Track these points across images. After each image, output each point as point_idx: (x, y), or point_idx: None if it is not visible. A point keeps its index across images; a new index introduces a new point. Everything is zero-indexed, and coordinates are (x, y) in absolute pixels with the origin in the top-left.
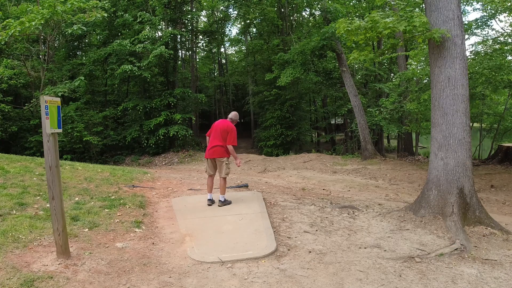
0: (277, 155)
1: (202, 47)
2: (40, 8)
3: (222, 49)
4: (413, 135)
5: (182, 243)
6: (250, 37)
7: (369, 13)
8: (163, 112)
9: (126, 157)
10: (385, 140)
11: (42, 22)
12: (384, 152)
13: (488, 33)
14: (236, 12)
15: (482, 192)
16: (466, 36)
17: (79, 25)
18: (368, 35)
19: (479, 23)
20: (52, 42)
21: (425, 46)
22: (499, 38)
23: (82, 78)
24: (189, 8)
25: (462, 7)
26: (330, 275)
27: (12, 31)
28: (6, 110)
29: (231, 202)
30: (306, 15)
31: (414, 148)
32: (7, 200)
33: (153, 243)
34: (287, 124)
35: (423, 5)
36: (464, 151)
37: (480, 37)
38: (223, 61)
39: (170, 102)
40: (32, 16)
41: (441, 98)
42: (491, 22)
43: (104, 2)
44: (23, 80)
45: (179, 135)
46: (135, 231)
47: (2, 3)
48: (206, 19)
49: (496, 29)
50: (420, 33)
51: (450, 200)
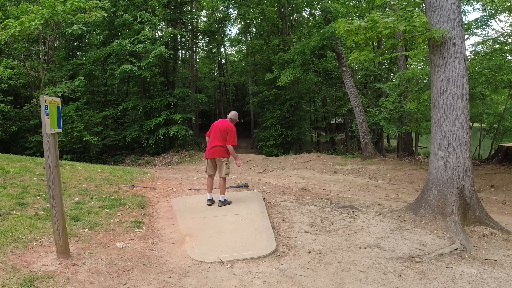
0: (277, 155)
1: (202, 47)
2: (40, 8)
3: (222, 49)
4: (413, 135)
5: (182, 243)
6: (250, 37)
7: (369, 13)
8: (163, 112)
9: (126, 157)
10: (385, 140)
11: (42, 22)
12: (384, 152)
13: (488, 33)
14: (236, 12)
15: (482, 192)
16: (466, 36)
17: (79, 25)
18: (368, 35)
19: (479, 23)
20: (52, 42)
21: (425, 46)
22: (499, 38)
23: (82, 78)
24: (189, 8)
25: (462, 7)
26: (330, 275)
27: (12, 31)
28: (6, 110)
29: (231, 202)
30: (306, 15)
31: (414, 148)
32: (7, 200)
33: (153, 243)
34: (287, 124)
35: (423, 5)
36: (464, 151)
37: (480, 37)
38: (223, 61)
39: (170, 102)
40: (32, 16)
41: (441, 98)
42: (491, 22)
43: (104, 2)
44: (23, 80)
45: (179, 135)
46: (135, 231)
47: (2, 3)
48: (206, 19)
49: (496, 29)
50: (420, 33)
51: (450, 200)
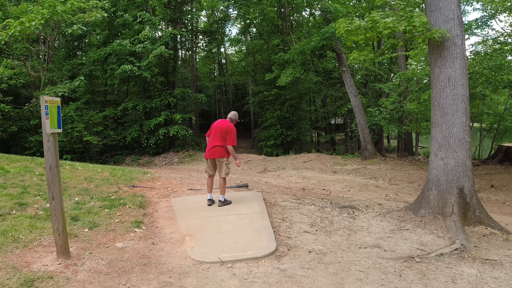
0: (277, 155)
1: (202, 47)
2: (40, 8)
3: (222, 49)
4: (413, 135)
5: (182, 243)
6: (250, 37)
7: (369, 13)
8: (163, 112)
9: (126, 157)
10: (385, 140)
11: (42, 22)
12: (384, 152)
13: (488, 33)
14: (236, 12)
15: (482, 192)
16: (466, 36)
17: (79, 25)
18: (368, 35)
19: (479, 23)
20: (52, 42)
21: (425, 46)
22: (499, 38)
23: (82, 78)
24: (189, 8)
25: (462, 7)
26: (330, 275)
27: (12, 31)
28: (6, 110)
29: (231, 202)
30: (306, 15)
31: (414, 148)
32: (7, 200)
33: (153, 243)
34: (287, 124)
35: (423, 5)
36: (464, 151)
37: (480, 37)
38: (223, 61)
39: (170, 102)
40: (32, 16)
41: (441, 98)
42: (491, 22)
43: (104, 2)
44: (23, 80)
45: (179, 135)
46: (135, 231)
47: (2, 3)
48: (206, 19)
49: (496, 29)
50: (420, 33)
51: (450, 200)
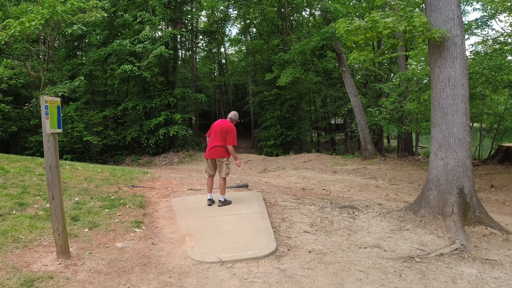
0: (277, 155)
1: (202, 47)
2: (40, 8)
3: (222, 49)
4: (413, 135)
5: (182, 243)
6: (250, 37)
7: (369, 13)
8: (163, 112)
9: (126, 157)
10: (385, 140)
11: (42, 22)
12: (384, 152)
13: (488, 33)
14: (236, 12)
15: (482, 192)
16: (466, 36)
17: (79, 25)
18: (368, 35)
19: (479, 23)
20: (52, 42)
21: (425, 46)
22: (499, 38)
23: (82, 78)
24: (189, 8)
25: (462, 7)
26: (330, 275)
27: (12, 31)
28: (6, 110)
29: (231, 202)
30: (306, 15)
31: (414, 148)
32: (7, 200)
33: (153, 243)
34: (287, 124)
35: (423, 5)
36: (464, 151)
37: (480, 37)
38: (223, 61)
39: (170, 102)
40: (32, 16)
41: (441, 98)
42: (491, 22)
43: (104, 2)
44: (23, 80)
45: (179, 135)
46: (135, 231)
47: (2, 3)
48: (206, 19)
49: (496, 29)
50: (420, 33)
51: (450, 200)
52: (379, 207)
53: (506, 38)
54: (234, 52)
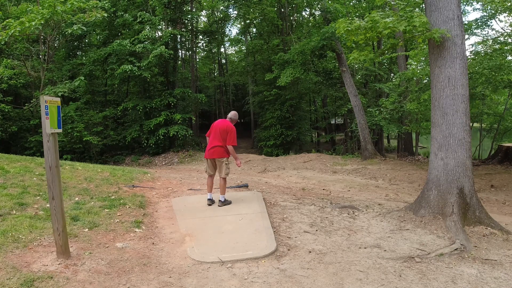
0: (277, 155)
1: (202, 47)
2: (40, 8)
3: (222, 49)
4: (413, 135)
5: (182, 243)
6: (250, 37)
7: (369, 13)
8: (163, 112)
9: (126, 157)
10: (385, 140)
11: (42, 22)
12: (384, 152)
13: (488, 33)
14: (236, 12)
15: (482, 192)
16: (466, 36)
17: (79, 25)
18: (368, 35)
19: (479, 23)
20: (52, 42)
21: (425, 46)
22: (499, 38)
23: (82, 78)
24: (189, 8)
25: (462, 7)
26: (330, 275)
27: (12, 31)
28: (6, 110)
29: (231, 202)
30: (306, 15)
31: (414, 148)
32: (7, 200)
33: (153, 243)
34: (287, 124)
35: (423, 5)
36: (464, 151)
37: (480, 37)
38: (223, 61)
39: (170, 102)
40: (32, 16)
41: (441, 98)
42: (491, 22)
43: (104, 2)
44: (23, 80)
45: (179, 135)
46: (135, 231)
47: (2, 3)
48: (206, 19)
49: (496, 29)
50: (420, 33)
51: (450, 200)
52: (379, 207)
53: (506, 38)
54: (234, 52)
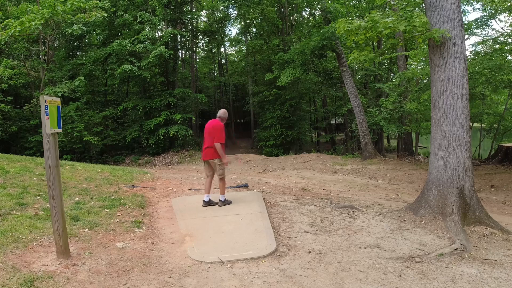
0: (277, 155)
1: (202, 47)
2: (40, 8)
3: (222, 49)
4: (413, 135)
5: (182, 243)
6: (250, 37)
7: (369, 13)
8: (163, 112)
9: (126, 157)
10: (385, 140)
11: (42, 22)
12: (384, 152)
13: (488, 33)
14: (236, 12)
15: (482, 192)
16: (466, 36)
17: (79, 25)
18: (368, 35)
19: (479, 23)
20: (52, 42)
21: (425, 46)
22: (499, 38)
23: (82, 78)
24: (189, 8)
25: (462, 7)
26: (330, 275)
27: (12, 31)
28: (6, 110)
29: (231, 202)
30: (306, 15)
31: (414, 148)
32: (7, 200)
33: (153, 243)
34: (287, 124)
35: (423, 5)
36: (464, 151)
37: (480, 37)
38: (223, 61)
39: (170, 102)
40: (32, 16)
41: (441, 98)
42: (491, 22)
43: (104, 2)
44: (23, 80)
45: (179, 135)
46: (135, 231)
47: (2, 3)
48: (206, 19)
49: (496, 29)
50: (420, 33)
51: (450, 200)
52: (379, 207)
53: (506, 38)
54: (234, 52)
